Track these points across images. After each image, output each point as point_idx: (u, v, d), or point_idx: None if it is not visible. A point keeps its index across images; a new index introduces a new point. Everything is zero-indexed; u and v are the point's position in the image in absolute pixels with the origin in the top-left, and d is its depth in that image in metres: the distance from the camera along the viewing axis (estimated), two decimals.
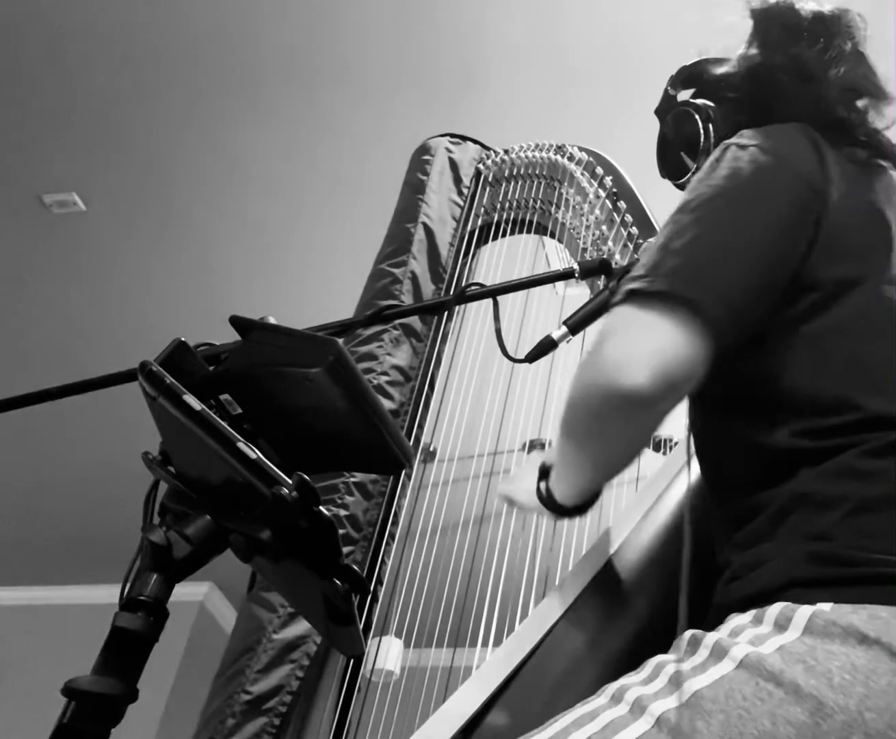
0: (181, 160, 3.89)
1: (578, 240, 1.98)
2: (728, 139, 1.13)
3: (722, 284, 1.01)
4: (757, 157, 1.08)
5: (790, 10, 1.27)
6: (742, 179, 1.07)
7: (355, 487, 1.67)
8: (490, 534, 1.76)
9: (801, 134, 1.14)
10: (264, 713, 1.45)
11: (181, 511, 0.77)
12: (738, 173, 1.07)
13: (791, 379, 1.03)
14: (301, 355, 0.79)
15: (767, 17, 1.29)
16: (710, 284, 1.00)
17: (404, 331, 1.90)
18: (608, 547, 1.35)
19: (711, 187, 1.07)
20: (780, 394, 1.03)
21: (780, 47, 1.26)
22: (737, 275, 1.02)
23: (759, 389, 1.06)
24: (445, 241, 2.11)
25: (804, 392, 1.01)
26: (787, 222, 1.06)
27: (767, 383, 1.04)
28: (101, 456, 5.29)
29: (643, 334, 0.98)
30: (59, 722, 0.68)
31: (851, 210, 1.10)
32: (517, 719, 1.13)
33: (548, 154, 2.16)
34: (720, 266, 1.02)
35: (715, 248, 1.03)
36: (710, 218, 1.05)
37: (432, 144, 2.29)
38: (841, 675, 0.79)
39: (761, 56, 1.28)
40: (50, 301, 4.56)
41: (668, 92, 1.47)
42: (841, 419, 0.98)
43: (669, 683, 0.89)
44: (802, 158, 1.10)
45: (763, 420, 1.04)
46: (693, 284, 0.99)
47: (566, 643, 1.24)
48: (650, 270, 1.01)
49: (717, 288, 1.00)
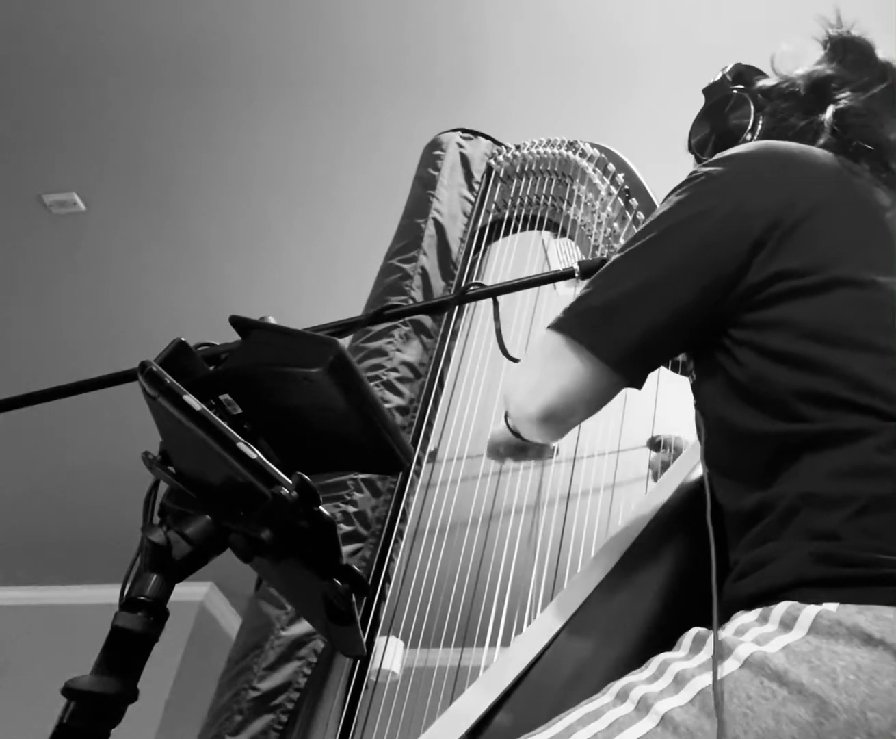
0: (181, 161, 3.90)
1: (590, 237, 1.96)
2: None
3: (622, 330, 1.14)
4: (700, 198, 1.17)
5: (870, 48, 1.34)
6: (672, 224, 1.17)
7: (364, 483, 1.67)
8: (499, 533, 1.76)
9: (772, 158, 1.19)
10: (272, 710, 1.45)
11: (181, 511, 0.77)
12: (675, 214, 1.17)
13: (797, 379, 1.02)
14: (301, 355, 0.79)
15: (846, 44, 1.35)
16: (612, 331, 1.14)
17: (414, 327, 1.90)
18: (618, 548, 1.34)
19: (648, 228, 1.18)
20: (785, 394, 1.03)
21: (852, 70, 1.31)
22: (637, 324, 1.13)
23: (764, 389, 1.05)
24: (456, 237, 2.11)
25: (809, 391, 1.01)
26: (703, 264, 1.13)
27: (772, 382, 1.04)
28: (100, 456, 5.32)
29: (553, 368, 1.16)
30: (59, 722, 0.68)
31: (844, 215, 1.14)
32: (526, 721, 1.12)
33: (560, 150, 2.14)
34: (625, 314, 1.14)
35: (622, 294, 1.15)
36: (631, 260, 1.17)
37: (443, 139, 2.28)
38: (845, 675, 0.79)
39: (832, 70, 1.33)
40: (50, 301, 4.58)
41: (725, 76, 1.53)
42: (847, 417, 0.97)
43: (674, 681, 0.89)
44: (758, 187, 1.15)
45: (770, 420, 1.03)
46: (597, 329, 1.15)
47: (575, 644, 1.23)
48: (575, 304, 1.19)
49: (618, 335, 1.14)
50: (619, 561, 1.32)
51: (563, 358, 1.16)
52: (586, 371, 1.14)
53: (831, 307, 1.05)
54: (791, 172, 1.17)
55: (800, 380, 1.02)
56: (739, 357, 1.08)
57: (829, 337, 1.03)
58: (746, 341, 1.08)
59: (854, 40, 1.34)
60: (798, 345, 1.04)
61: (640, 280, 1.15)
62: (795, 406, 1.01)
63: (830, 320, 1.04)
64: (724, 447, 1.13)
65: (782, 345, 1.05)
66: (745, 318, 1.09)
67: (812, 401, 1.00)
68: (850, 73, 1.31)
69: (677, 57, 1.45)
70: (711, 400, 1.14)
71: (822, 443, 0.98)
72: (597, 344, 1.14)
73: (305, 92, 3.58)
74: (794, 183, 1.15)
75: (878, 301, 1.06)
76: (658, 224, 1.17)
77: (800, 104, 1.35)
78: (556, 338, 1.17)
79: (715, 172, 1.18)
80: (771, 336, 1.06)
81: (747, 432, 1.07)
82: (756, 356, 1.07)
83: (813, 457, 0.98)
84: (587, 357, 1.14)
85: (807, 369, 1.02)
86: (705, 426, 1.17)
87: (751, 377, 1.07)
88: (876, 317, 1.04)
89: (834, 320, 1.04)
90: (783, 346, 1.04)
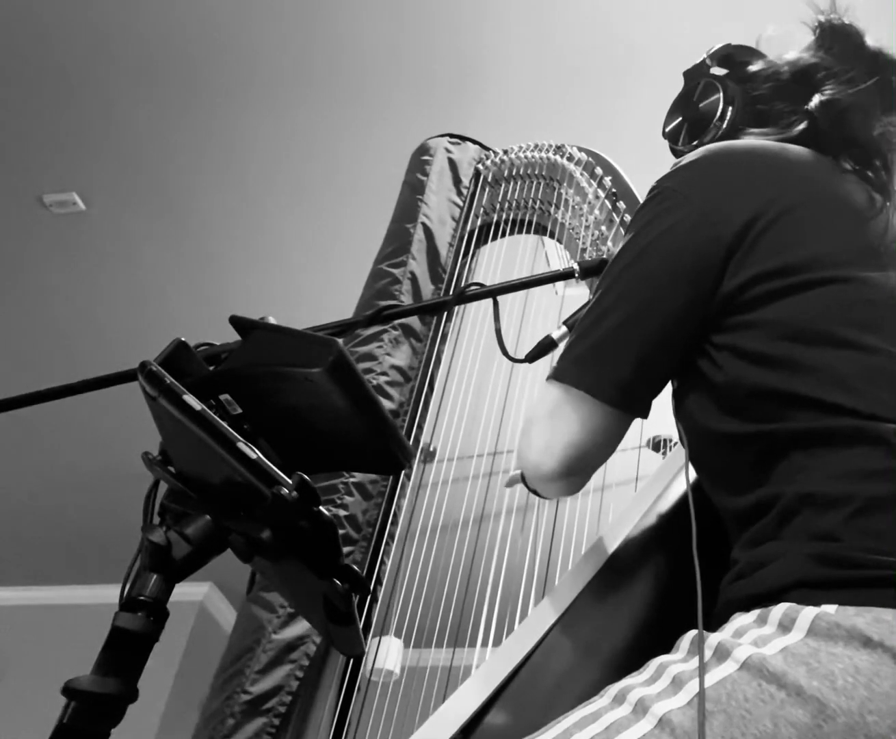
0: (181, 161, 3.89)
1: (578, 240, 1.97)
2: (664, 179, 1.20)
3: (615, 366, 1.14)
4: (663, 215, 1.16)
5: (859, 36, 1.31)
6: (642, 247, 1.16)
7: (355, 487, 1.67)
8: (489, 534, 1.76)
9: (735, 160, 1.19)
10: (264, 713, 1.45)
11: (181, 511, 0.77)
12: (643, 237, 1.17)
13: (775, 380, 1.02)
14: (301, 355, 0.79)
15: (835, 31, 1.32)
16: (605, 370, 1.14)
17: (404, 331, 1.90)
18: (608, 547, 1.35)
19: (619, 258, 1.18)
20: (763, 394, 1.03)
21: (839, 60, 1.29)
22: (628, 356, 1.14)
23: (742, 391, 1.05)
24: (445, 241, 2.11)
25: (787, 392, 1.01)
26: (679, 280, 1.13)
27: (749, 384, 1.04)
28: (100, 456, 5.30)
29: (560, 422, 1.16)
30: (59, 722, 0.68)
31: (819, 213, 1.14)
32: (516, 719, 1.13)
33: (547, 154, 2.15)
34: (613, 350, 1.15)
35: (608, 332, 1.15)
36: (610, 294, 1.17)
37: (432, 144, 2.28)
38: (844, 677, 0.79)
39: (818, 59, 1.30)
40: (50, 301, 4.56)
41: (705, 60, 1.51)
42: (830, 416, 0.98)
43: (672, 684, 0.88)
44: (722, 193, 1.15)
45: (748, 422, 1.04)
46: (591, 372, 1.15)
47: (566, 643, 1.23)
48: (567, 351, 1.19)
49: (612, 373, 1.14)
50: (609, 559, 1.32)
51: (566, 409, 1.16)
52: (592, 416, 1.14)
53: (810, 306, 1.05)
54: (757, 172, 1.17)
55: (778, 380, 1.02)
56: (718, 361, 1.08)
57: (808, 336, 1.03)
58: (725, 345, 1.08)
59: (843, 28, 1.31)
60: (776, 346, 1.03)
61: (622, 313, 1.14)
62: (774, 407, 1.01)
63: (809, 319, 1.04)
64: (708, 451, 1.13)
65: (760, 346, 1.04)
66: (725, 322, 1.09)
67: (790, 401, 1.00)
68: (838, 64, 1.28)
69: (676, 57, 1.45)
70: (691, 406, 1.14)
71: (809, 442, 0.97)
72: (594, 387, 1.13)
73: (304, 92, 3.59)
74: (762, 184, 1.14)
75: (857, 298, 1.06)
76: (629, 250, 1.17)
77: (783, 91, 1.33)
78: (556, 389, 1.17)
79: (672, 185, 1.17)
80: (749, 338, 1.06)
81: (726, 434, 1.07)
82: (734, 359, 1.06)
83: (803, 456, 0.97)
84: (590, 403, 1.14)
85: (786, 369, 1.02)
86: (686, 432, 1.17)
87: (729, 380, 1.07)
88: (855, 314, 1.05)
89: (813, 319, 1.04)
90: (761, 347, 1.04)
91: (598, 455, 1.19)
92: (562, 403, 1.16)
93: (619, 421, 1.17)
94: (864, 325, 1.03)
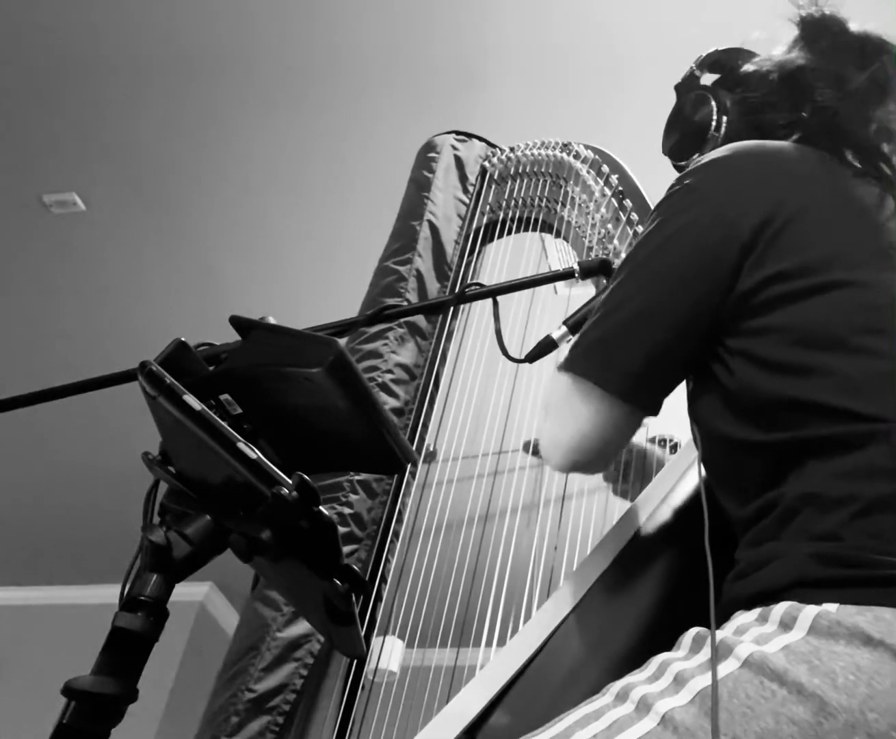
0: (181, 161, 3.89)
1: (584, 238, 1.97)
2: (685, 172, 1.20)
3: (625, 358, 1.14)
4: (683, 211, 1.16)
5: (840, 26, 1.29)
6: (659, 242, 1.16)
7: (360, 485, 1.67)
8: (494, 533, 1.76)
9: (753, 160, 1.18)
10: (268, 711, 1.45)
11: (181, 511, 0.77)
12: (661, 231, 1.16)
13: (788, 387, 1.02)
14: (301, 355, 0.79)
15: (817, 26, 1.30)
16: (615, 361, 1.14)
17: (409, 329, 1.90)
18: (613, 547, 1.34)
19: (637, 251, 1.18)
20: (775, 402, 1.02)
21: (825, 58, 1.27)
22: (639, 349, 1.13)
23: (755, 399, 1.05)
24: (451, 239, 2.11)
25: (800, 398, 1.01)
26: (695, 276, 1.12)
27: (762, 391, 1.04)
28: (100, 456, 5.31)
29: (570, 414, 1.17)
30: (59, 722, 0.68)
31: (831, 214, 1.13)
32: (522, 719, 1.12)
33: (554, 152, 2.15)
34: (624, 341, 1.14)
35: (620, 323, 1.15)
36: (624, 286, 1.17)
37: (438, 141, 2.28)
38: (845, 676, 0.79)
39: (804, 60, 1.28)
40: (49, 301, 4.57)
41: (693, 71, 1.50)
42: (842, 423, 0.97)
43: (675, 681, 0.89)
44: (741, 190, 1.14)
45: (762, 430, 1.03)
46: (601, 363, 1.15)
47: (571, 643, 1.23)
48: (579, 340, 1.19)
49: (622, 364, 1.14)
50: (616, 558, 1.32)
51: (576, 400, 1.16)
52: (601, 409, 1.14)
53: (823, 311, 1.04)
54: (773, 172, 1.16)
55: (792, 388, 1.01)
56: (731, 366, 1.08)
57: (822, 342, 1.02)
58: (738, 350, 1.08)
59: (824, 22, 1.29)
60: (790, 352, 1.03)
61: (635, 305, 1.14)
62: (788, 415, 1.01)
63: (823, 325, 1.03)
64: (719, 454, 1.13)
65: (773, 353, 1.04)
66: (740, 326, 1.08)
67: (805, 409, 1.00)
68: (825, 62, 1.27)
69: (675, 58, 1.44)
70: (705, 409, 1.14)
71: (822, 448, 0.97)
72: (604, 378, 1.13)
73: (303, 91, 3.59)
74: (778, 184, 1.14)
75: (870, 302, 1.05)
76: (646, 245, 1.17)
77: (772, 96, 1.32)
78: (567, 378, 1.17)
79: (694, 181, 1.17)
80: (762, 344, 1.05)
81: (739, 441, 1.06)
82: (747, 365, 1.06)
83: (816, 462, 0.97)
84: (599, 395, 1.14)
85: (800, 376, 1.01)
86: (700, 435, 1.17)
87: (742, 386, 1.06)
88: (868, 318, 1.04)
89: (826, 324, 1.03)
90: (774, 353, 1.04)
91: (605, 451, 1.19)
92: (571, 394, 1.17)
93: (627, 416, 1.17)
94: (875, 330, 1.03)
